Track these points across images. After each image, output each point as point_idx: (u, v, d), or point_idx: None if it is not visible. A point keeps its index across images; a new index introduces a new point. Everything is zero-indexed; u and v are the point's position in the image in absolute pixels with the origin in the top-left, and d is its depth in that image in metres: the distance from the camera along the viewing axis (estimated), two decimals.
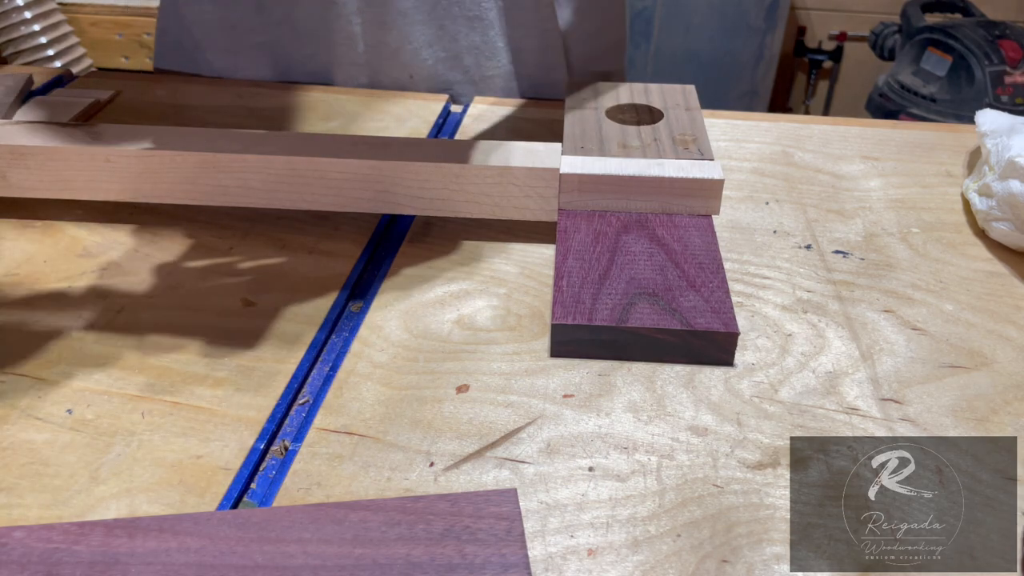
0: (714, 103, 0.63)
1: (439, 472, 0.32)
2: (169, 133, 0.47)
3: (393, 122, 0.60)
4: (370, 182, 0.45)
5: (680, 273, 0.40)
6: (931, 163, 0.55)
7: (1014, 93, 1.51)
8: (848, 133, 0.59)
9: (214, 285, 0.43)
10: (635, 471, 0.32)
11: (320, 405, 0.36)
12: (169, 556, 0.27)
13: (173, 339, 0.39)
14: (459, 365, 0.38)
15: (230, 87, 0.65)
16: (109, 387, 0.36)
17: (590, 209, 0.45)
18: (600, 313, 0.37)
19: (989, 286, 0.43)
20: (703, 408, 0.35)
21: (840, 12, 1.94)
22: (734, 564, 0.29)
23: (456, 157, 0.45)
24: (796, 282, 0.43)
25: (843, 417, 0.35)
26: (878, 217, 0.49)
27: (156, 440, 0.34)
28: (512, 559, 0.27)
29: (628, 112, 0.52)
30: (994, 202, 0.45)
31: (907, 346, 0.39)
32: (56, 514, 0.31)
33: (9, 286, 0.43)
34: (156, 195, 0.46)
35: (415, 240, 0.47)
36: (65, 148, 0.45)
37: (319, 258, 0.45)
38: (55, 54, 1.66)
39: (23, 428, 0.34)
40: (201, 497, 0.31)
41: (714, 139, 0.57)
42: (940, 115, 1.56)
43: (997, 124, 0.49)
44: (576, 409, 0.35)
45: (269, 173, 0.45)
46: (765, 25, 1.65)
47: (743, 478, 0.32)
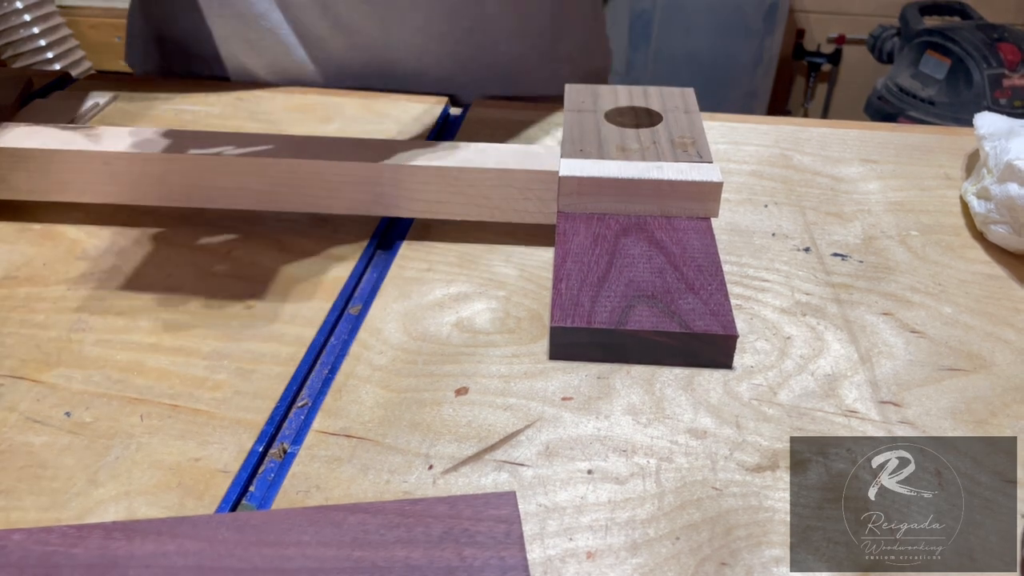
0: (713, 106, 0.63)
1: (438, 475, 0.32)
2: (168, 135, 0.47)
3: (392, 124, 0.60)
4: (369, 184, 0.45)
5: (679, 276, 0.40)
6: (930, 166, 0.55)
7: (1012, 96, 1.51)
8: (847, 136, 0.59)
9: (213, 287, 0.43)
10: (634, 474, 0.32)
11: (319, 408, 0.36)
12: (168, 559, 0.27)
13: (172, 341, 0.39)
14: (458, 368, 0.38)
15: (230, 89, 0.65)
16: (108, 390, 0.36)
17: (589, 212, 0.45)
18: (599, 316, 0.37)
19: (988, 289, 0.43)
20: (702, 411, 0.35)
21: (839, 15, 1.95)
22: (733, 567, 0.29)
23: (455, 159, 0.45)
24: (795, 285, 0.43)
25: (842, 420, 0.35)
26: (877, 220, 0.49)
27: (155, 443, 0.34)
28: (511, 562, 0.27)
29: (627, 115, 0.52)
30: (992, 205, 0.45)
31: (906, 349, 0.39)
32: (54, 517, 0.31)
33: (8, 288, 0.43)
34: (155, 198, 0.46)
35: (414, 242, 0.47)
36: (64, 151, 0.45)
37: (318, 260, 0.45)
38: (54, 56, 1.66)
39: (21, 431, 0.34)
40: (200, 500, 0.31)
41: (713, 142, 0.57)
42: (939, 118, 1.56)
43: (996, 127, 0.49)
44: (575, 412, 0.35)
45: (269, 175, 0.45)
46: (764, 28, 1.65)
47: (742, 481, 0.32)
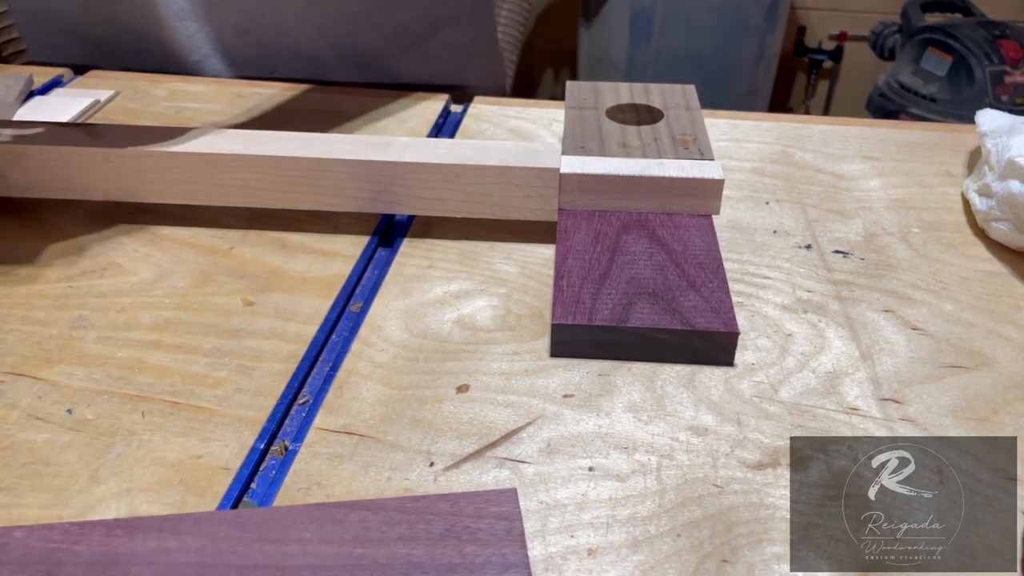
0: (714, 103, 0.63)
1: (439, 472, 0.32)
2: (169, 133, 0.47)
3: (393, 122, 0.60)
4: (370, 182, 0.45)
5: (680, 273, 0.40)
6: (931, 163, 0.55)
7: (1014, 93, 1.51)
8: (848, 133, 0.59)
9: (214, 285, 0.43)
10: (635, 471, 0.32)
11: (320, 405, 0.36)
12: (169, 556, 0.27)
13: (173, 338, 0.39)
14: (459, 365, 0.38)
15: (230, 87, 0.65)
16: (109, 387, 0.36)
17: (590, 209, 0.45)
18: (600, 313, 0.37)
19: (989, 286, 0.43)
20: (703, 408, 0.35)
21: (840, 12, 1.94)
22: (734, 564, 0.29)
23: (456, 157, 0.45)
24: (796, 282, 0.43)
25: (843, 417, 0.35)
26: (878, 217, 0.49)
27: (156, 440, 0.34)
28: (512, 559, 0.27)
29: (628, 112, 0.51)
30: (994, 202, 0.45)
31: (907, 346, 0.39)
32: (56, 514, 0.31)
33: (9, 285, 0.43)
34: (156, 195, 0.46)
35: (415, 240, 0.47)
36: (65, 148, 0.45)
37: (319, 258, 0.45)
38: None
39: (23, 428, 0.34)
40: (201, 497, 0.31)
41: (714, 139, 0.57)
42: (940, 115, 1.56)
43: (997, 124, 0.48)
44: (576, 409, 0.35)
45: (269, 173, 0.45)
46: (765, 25, 1.65)
47: (743, 478, 0.32)
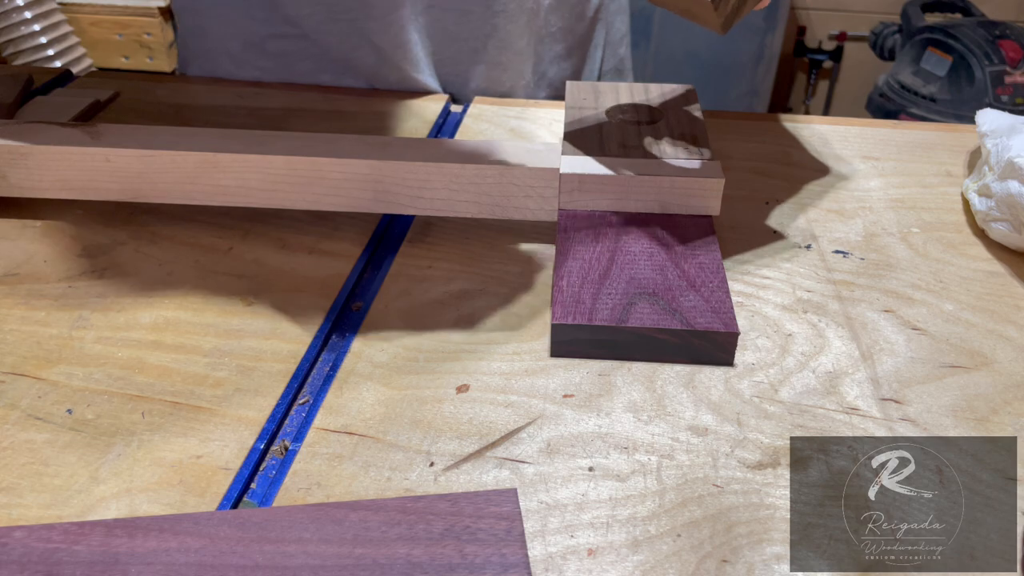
0: (714, 103, 0.63)
1: (439, 472, 0.32)
2: (169, 133, 0.47)
3: (393, 122, 0.60)
4: (370, 182, 0.45)
5: (680, 273, 0.40)
6: (931, 163, 0.55)
7: (1014, 93, 1.51)
8: (848, 133, 0.59)
9: (214, 285, 0.43)
10: (635, 471, 0.32)
11: (320, 405, 0.36)
12: (169, 556, 0.27)
13: (173, 339, 0.39)
14: (459, 365, 0.38)
15: (230, 87, 0.65)
16: (109, 387, 0.36)
17: (590, 209, 0.45)
18: (600, 313, 0.37)
19: (989, 286, 0.43)
20: (703, 408, 0.35)
21: (840, 12, 1.94)
22: (734, 564, 0.29)
23: (456, 157, 0.45)
24: (796, 282, 0.43)
25: (843, 417, 0.35)
26: (878, 217, 0.49)
27: (156, 440, 0.34)
28: (512, 559, 0.27)
29: (628, 112, 0.52)
30: (993, 202, 0.45)
31: (907, 346, 0.39)
32: (56, 514, 0.31)
33: (9, 285, 0.43)
34: (156, 195, 0.46)
35: (415, 240, 0.47)
36: (65, 148, 0.45)
37: (319, 258, 0.45)
38: (55, 54, 1.66)
39: (23, 428, 0.34)
40: (201, 497, 0.31)
41: (714, 139, 0.57)
42: (940, 115, 1.56)
43: (997, 124, 0.49)
44: (576, 409, 0.35)
45: (269, 173, 0.45)
46: (765, 25, 1.65)
47: (743, 478, 0.32)
